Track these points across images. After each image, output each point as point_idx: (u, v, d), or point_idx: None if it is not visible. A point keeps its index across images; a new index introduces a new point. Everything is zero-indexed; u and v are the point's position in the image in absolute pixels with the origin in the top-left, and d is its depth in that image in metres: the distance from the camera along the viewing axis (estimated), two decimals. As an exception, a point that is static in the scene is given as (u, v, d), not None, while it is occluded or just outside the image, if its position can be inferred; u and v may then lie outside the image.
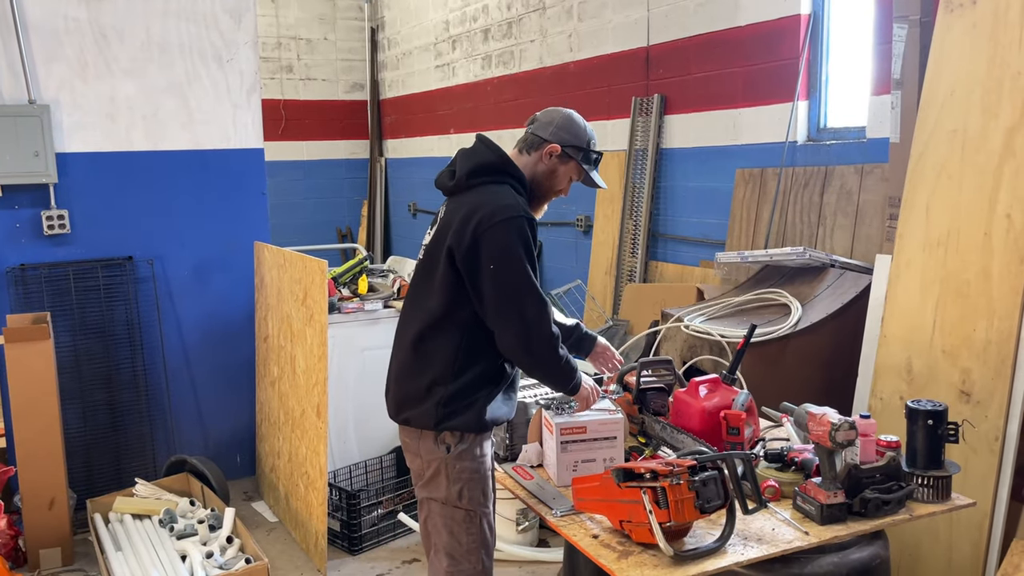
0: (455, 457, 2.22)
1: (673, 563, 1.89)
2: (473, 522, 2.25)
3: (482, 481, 2.27)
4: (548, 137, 2.27)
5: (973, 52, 2.84)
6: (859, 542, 2.05)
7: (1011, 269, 2.66)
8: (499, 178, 2.21)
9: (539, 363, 2.21)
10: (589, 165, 2.34)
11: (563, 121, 2.30)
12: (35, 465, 3.36)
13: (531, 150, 2.28)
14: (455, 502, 2.23)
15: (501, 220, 2.10)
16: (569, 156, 2.28)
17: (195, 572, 3.04)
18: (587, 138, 2.32)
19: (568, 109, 2.36)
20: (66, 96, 3.83)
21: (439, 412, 2.20)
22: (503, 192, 2.18)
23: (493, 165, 2.22)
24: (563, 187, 2.34)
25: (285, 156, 8.79)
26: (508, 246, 2.10)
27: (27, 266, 3.83)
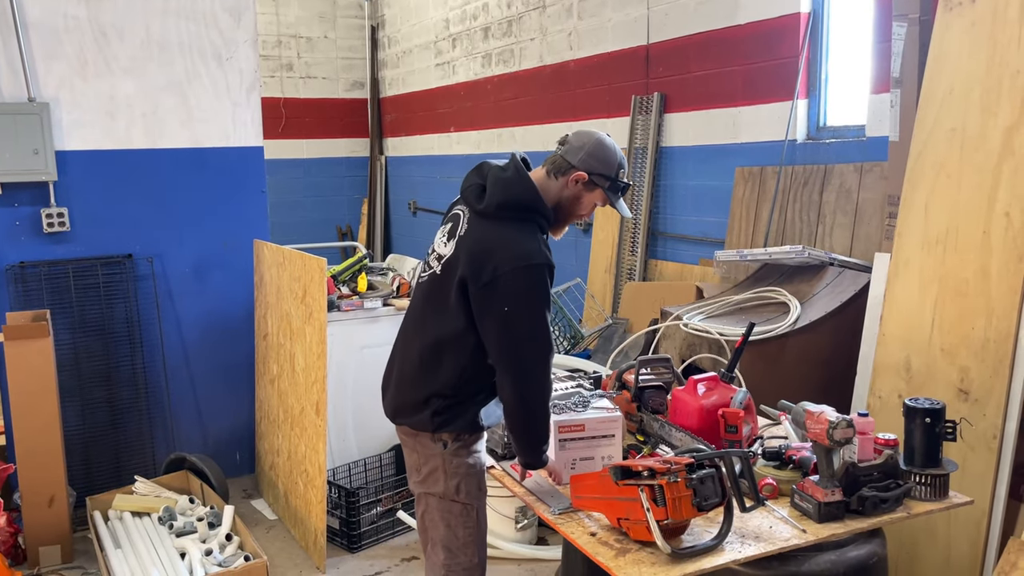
0: (452, 453, 2.25)
1: (670, 561, 1.89)
2: (470, 516, 2.29)
3: (478, 475, 2.31)
4: (576, 164, 2.22)
5: (972, 51, 2.83)
6: (856, 540, 2.05)
7: (1009, 268, 2.66)
8: (529, 216, 2.18)
9: (528, 414, 2.20)
10: (616, 194, 2.29)
11: (593, 147, 2.24)
12: (34, 463, 3.36)
13: (559, 174, 2.24)
14: (453, 496, 2.26)
15: (524, 267, 2.08)
16: (596, 184, 2.24)
17: (194, 569, 3.04)
18: (617, 167, 2.26)
19: (600, 133, 2.31)
20: (66, 94, 3.83)
21: (435, 420, 2.23)
22: (529, 234, 2.15)
23: (526, 205, 2.18)
24: (586, 212, 2.32)
25: (285, 154, 8.79)
26: (526, 293, 2.10)
27: (27, 264, 3.83)
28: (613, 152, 2.27)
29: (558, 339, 4.91)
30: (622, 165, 2.28)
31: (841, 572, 1.98)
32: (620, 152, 2.29)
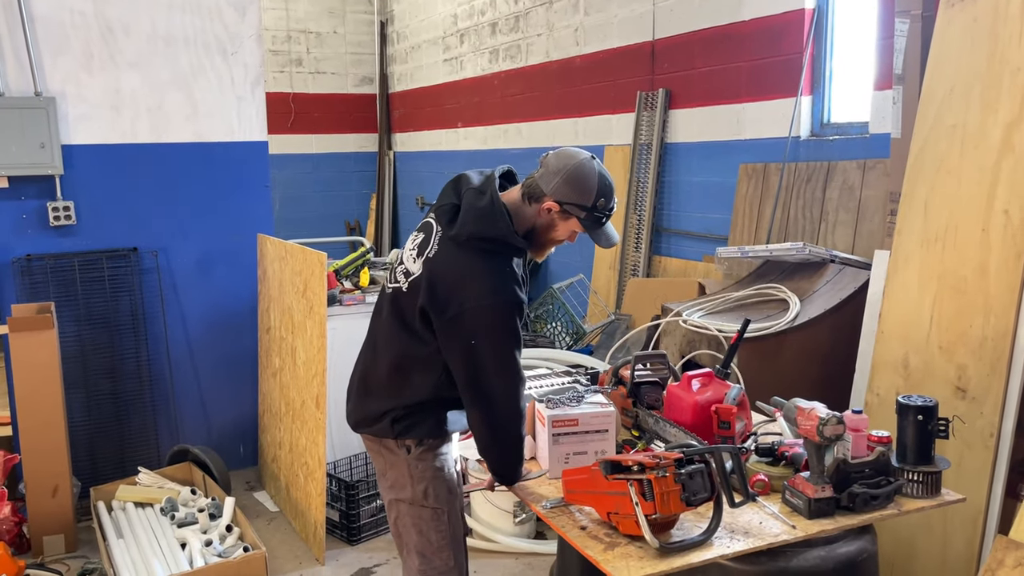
0: (416, 458, 2.21)
1: (658, 555, 1.90)
2: (440, 519, 2.25)
3: (446, 479, 2.26)
4: (548, 192, 2.07)
5: (973, 47, 2.82)
6: (846, 536, 2.05)
7: (1008, 265, 2.65)
8: (500, 248, 2.08)
9: (498, 443, 2.17)
10: (594, 225, 2.13)
11: (569, 175, 2.07)
12: (39, 453, 3.40)
13: (533, 200, 2.11)
14: (421, 501, 2.22)
15: (490, 304, 2.02)
16: (570, 213, 2.10)
17: (194, 560, 3.08)
18: (593, 196, 2.08)
19: (583, 157, 2.11)
20: (72, 88, 3.86)
21: (396, 427, 2.19)
22: (499, 267, 2.07)
23: (498, 238, 2.07)
24: (564, 238, 2.19)
25: (294, 149, 8.83)
26: (492, 329, 2.03)
27: (33, 256, 3.87)
28: (591, 179, 2.07)
29: (560, 334, 4.92)
30: (603, 194, 2.09)
31: (830, 568, 1.98)
32: (603, 177, 2.11)
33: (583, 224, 2.12)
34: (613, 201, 2.14)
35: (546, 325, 4.98)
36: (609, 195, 2.12)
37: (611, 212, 2.15)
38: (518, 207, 2.13)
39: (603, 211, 2.12)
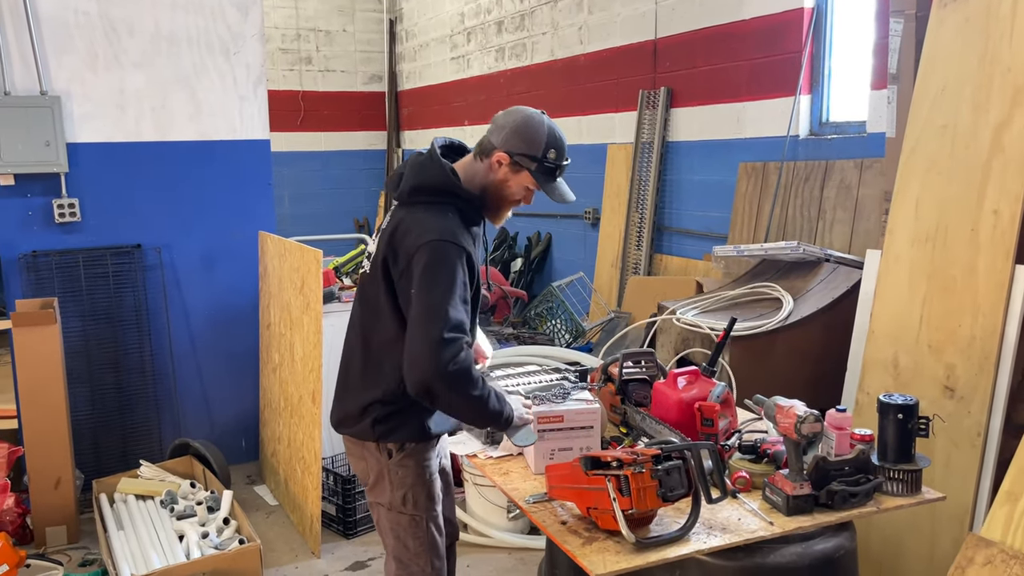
0: (397, 463, 2.18)
1: (635, 550, 1.92)
2: (419, 526, 2.22)
3: (427, 485, 2.22)
4: (498, 144, 2.09)
5: (965, 47, 2.82)
6: (824, 533, 2.06)
7: (996, 265, 2.65)
8: (443, 200, 2.09)
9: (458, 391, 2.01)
10: (546, 177, 2.12)
11: (517, 126, 2.09)
12: (42, 446, 3.47)
13: (483, 157, 2.12)
14: (400, 507, 2.20)
15: (426, 243, 2.00)
16: (520, 165, 2.10)
17: (191, 552, 3.13)
18: (543, 146, 2.08)
19: (531, 111, 2.14)
20: (77, 87, 3.92)
21: (377, 429, 2.16)
22: (440, 216, 2.06)
23: (435, 187, 2.09)
24: (520, 197, 2.17)
25: (304, 147, 8.90)
26: (431, 266, 2.00)
27: (39, 253, 3.94)
28: (540, 130, 2.08)
29: (560, 332, 4.94)
30: (553, 144, 2.09)
31: (806, 564, 2.00)
32: (553, 130, 2.11)
33: (535, 177, 2.10)
34: (565, 156, 2.13)
35: (546, 323, 5.01)
36: (560, 148, 2.11)
37: (563, 166, 2.13)
38: (469, 166, 2.15)
39: (554, 163, 2.11)
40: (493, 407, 2.10)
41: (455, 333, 1.99)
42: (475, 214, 2.16)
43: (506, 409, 2.15)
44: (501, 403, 2.14)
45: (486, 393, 2.08)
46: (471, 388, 2.03)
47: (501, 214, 2.22)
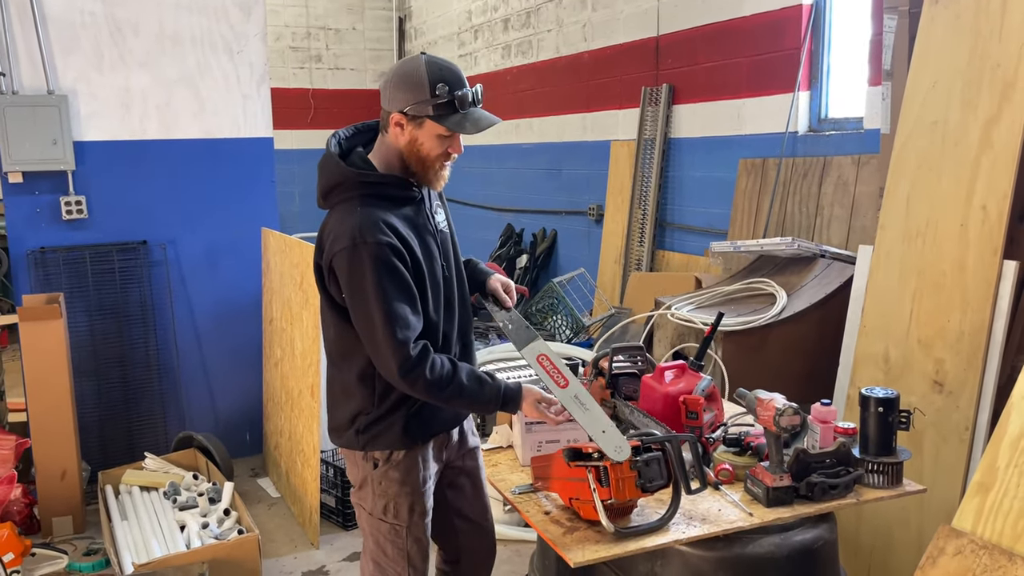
0: (381, 474, 2.12)
1: (614, 539, 1.96)
2: (399, 535, 2.16)
3: (411, 496, 2.14)
4: (388, 107, 1.95)
5: (955, 44, 2.83)
6: (804, 524, 2.09)
7: (985, 260, 2.66)
8: (349, 194, 1.97)
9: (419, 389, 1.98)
10: (450, 115, 1.91)
11: (396, 79, 1.93)
12: (48, 438, 3.54)
13: (385, 129, 1.99)
14: (380, 515, 2.16)
15: (340, 250, 1.91)
16: (418, 116, 1.91)
17: (191, 541, 3.19)
18: (428, 86, 1.88)
19: (409, 57, 1.98)
20: (83, 87, 3.99)
21: (360, 438, 2.11)
22: (348, 216, 1.93)
23: (337, 183, 1.99)
24: (439, 150, 1.96)
25: (314, 144, 8.95)
26: (351, 275, 1.92)
27: (46, 249, 4.01)
28: (417, 71, 1.89)
29: (561, 328, 4.98)
30: (439, 79, 1.89)
31: (784, 555, 2.03)
32: (433, 64, 1.92)
33: (438, 121, 1.91)
34: (460, 86, 1.91)
35: (547, 318, 5.05)
36: (449, 79, 1.90)
37: (462, 96, 1.91)
38: (380, 144, 2.02)
39: (450, 96, 1.89)
40: (471, 395, 2.02)
41: (401, 333, 1.92)
42: (401, 191, 2.01)
43: (487, 390, 2.03)
44: (481, 385, 2.03)
45: (455, 385, 1.99)
46: (435, 389, 1.97)
47: (431, 175, 2.02)
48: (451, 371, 2.00)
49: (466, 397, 2.02)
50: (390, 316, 1.92)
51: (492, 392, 2.05)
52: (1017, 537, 1.73)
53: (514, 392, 2.06)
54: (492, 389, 2.05)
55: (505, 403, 2.06)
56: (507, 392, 2.06)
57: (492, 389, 2.05)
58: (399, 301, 1.94)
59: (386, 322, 1.92)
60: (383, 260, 1.91)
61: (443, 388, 1.98)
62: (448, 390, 1.99)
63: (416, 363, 1.95)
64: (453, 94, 1.90)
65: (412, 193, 2.04)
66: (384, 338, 1.92)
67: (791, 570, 2.04)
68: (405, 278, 1.96)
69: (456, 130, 1.93)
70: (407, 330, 1.94)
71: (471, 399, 2.04)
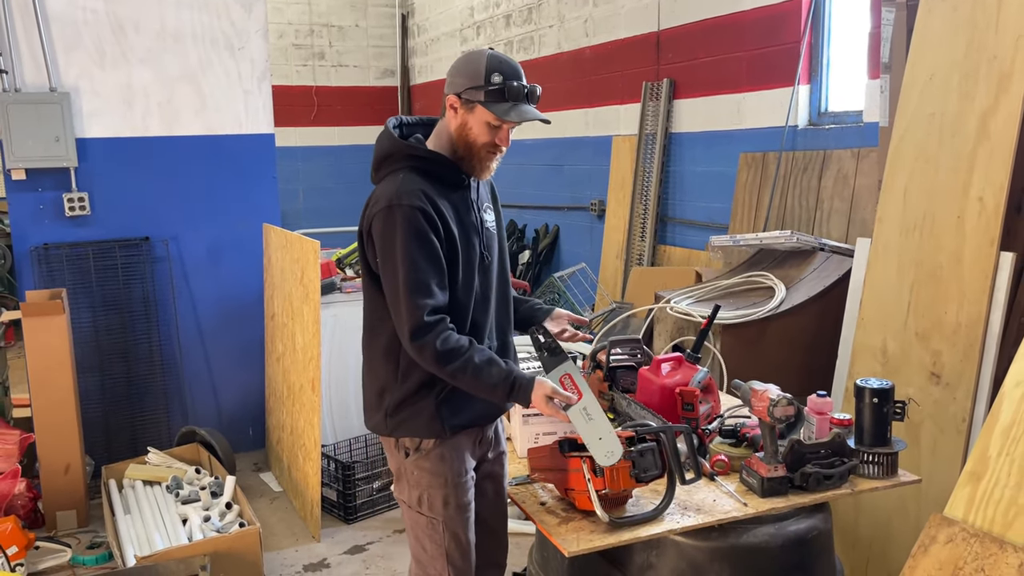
0: (413, 463, 2.12)
1: (609, 529, 1.98)
2: (435, 529, 2.13)
3: (444, 488, 2.12)
4: (446, 90, 2.04)
5: (953, 36, 2.83)
6: (798, 514, 2.10)
7: (981, 252, 2.67)
8: (398, 165, 2.03)
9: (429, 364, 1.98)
10: (500, 102, 1.97)
11: (458, 66, 2.03)
12: (51, 433, 3.57)
13: (444, 111, 2.07)
14: (416, 508, 2.14)
15: (379, 210, 1.97)
16: (471, 101, 1.98)
17: (193, 534, 3.22)
18: (484, 73, 1.96)
19: (472, 49, 2.09)
20: (85, 84, 4.02)
21: (389, 422, 2.11)
22: (395, 181, 2.00)
23: (388, 155, 2.05)
24: (487, 138, 2.02)
25: (318, 141, 8.98)
26: (383, 236, 1.97)
27: (50, 245, 4.04)
28: (478, 60, 1.99)
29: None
30: (495, 68, 1.96)
31: (778, 544, 2.04)
32: (494, 57, 2.00)
33: (487, 107, 1.97)
34: (515, 78, 1.98)
35: (549, 313, 5.05)
36: (505, 71, 1.97)
37: (515, 89, 1.97)
38: (437, 129, 2.10)
39: (502, 85, 1.96)
40: (478, 373, 1.97)
41: (420, 297, 1.94)
42: (446, 172, 2.06)
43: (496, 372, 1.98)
44: (491, 366, 1.99)
45: (464, 360, 1.96)
46: (444, 359, 1.95)
47: (477, 163, 2.07)
48: (465, 347, 1.98)
49: (473, 375, 1.97)
50: (412, 279, 1.95)
51: (501, 375, 1.98)
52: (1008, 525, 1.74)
53: (526, 381, 1.99)
54: (502, 372, 1.99)
55: (514, 390, 1.99)
56: (518, 379, 1.99)
57: (502, 372, 1.99)
58: (424, 267, 1.96)
59: (407, 284, 1.95)
60: (414, 224, 1.95)
61: (451, 360, 1.95)
62: (456, 363, 1.96)
63: (428, 328, 1.95)
64: (505, 83, 1.97)
65: (460, 178, 2.09)
66: (403, 299, 1.95)
67: (785, 560, 2.05)
68: (435, 247, 1.98)
69: (501, 116, 1.98)
70: (427, 297, 1.96)
71: (478, 378, 1.98)
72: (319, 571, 3.34)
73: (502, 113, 1.98)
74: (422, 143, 2.07)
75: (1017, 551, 1.73)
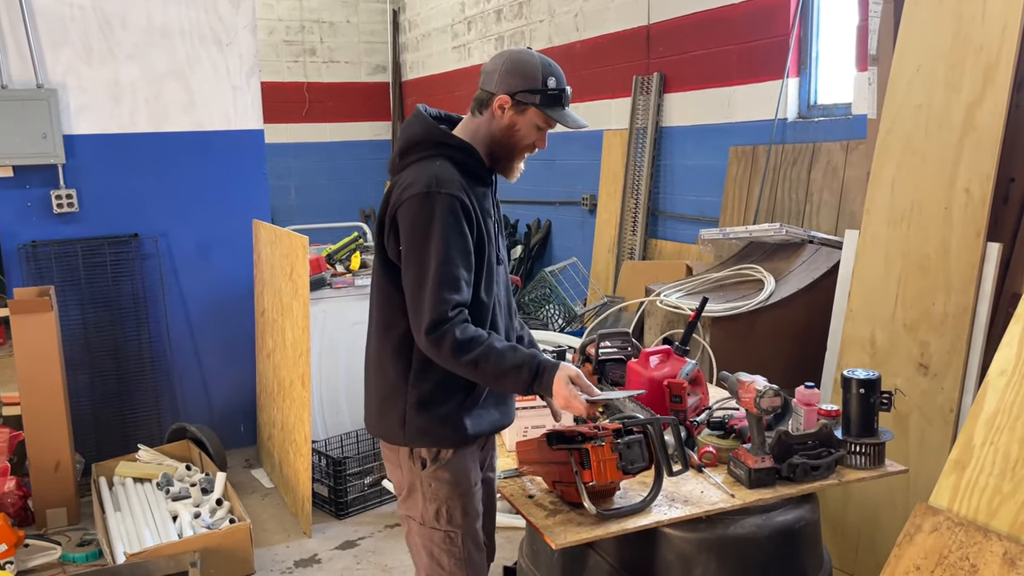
0: (430, 474, 2.01)
1: (596, 521, 1.97)
2: (455, 543, 2.04)
3: (463, 498, 2.04)
4: (495, 90, 1.96)
5: (939, 27, 2.84)
6: (785, 505, 2.10)
7: (968, 243, 2.67)
8: (431, 152, 1.96)
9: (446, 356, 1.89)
10: (553, 107, 1.97)
11: (509, 66, 1.96)
12: (41, 430, 3.56)
13: (482, 108, 1.99)
14: (433, 523, 2.03)
15: (413, 195, 1.88)
16: (524, 103, 1.96)
17: (183, 531, 3.21)
18: (541, 76, 1.95)
19: (520, 47, 2.08)
20: (72, 80, 4.00)
21: (406, 431, 2.00)
22: (430, 167, 1.92)
23: (420, 140, 1.98)
24: (532, 140, 2.01)
25: (309, 138, 8.97)
26: (415, 222, 1.88)
27: (38, 243, 4.03)
28: (532, 61, 1.97)
29: (553, 317, 4.99)
30: (549, 72, 1.97)
31: (765, 535, 2.04)
32: (545, 59, 2.00)
33: (543, 110, 1.96)
34: (565, 82, 2.01)
35: (540, 308, 5.06)
36: (558, 75, 1.99)
37: (566, 92, 2.00)
38: (467, 124, 2.03)
39: (556, 91, 1.97)
40: (501, 357, 1.89)
41: (448, 291, 1.87)
42: (477, 166, 2.00)
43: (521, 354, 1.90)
44: (515, 351, 1.91)
45: (485, 347, 1.88)
46: (463, 348, 1.87)
47: (513, 165, 2.05)
48: (484, 335, 1.91)
49: (496, 361, 1.88)
50: (444, 271, 1.87)
51: (527, 356, 1.90)
52: (992, 514, 1.75)
53: (551, 364, 1.91)
54: (528, 354, 1.91)
55: (540, 372, 1.90)
56: (543, 361, 1.91)
57: (528, 354, 1.91)
58: (457, 260, 1.89)
59: (437, 276, 1.87)
60: (454, 214, 1.89)
61: (472, 348, 1.87)
62: (478, 351, 1.87)
63: (450, 320, 1.87)
64: (560, 89, 1.98)
65: (488, 176, 2.05)
66: (430, 292, 1.86)
67: (773, 550, 2.05)
68: (469, 242, 1.92)
69: (560, 121, 1.99)
70: (455, 293, 1.88)
71: (501, 362, 1.89)
72: (310, 567, 3.34)
73: (560, 117, 1.98)
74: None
75: (1001, 539, 1.73)
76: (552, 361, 1.93)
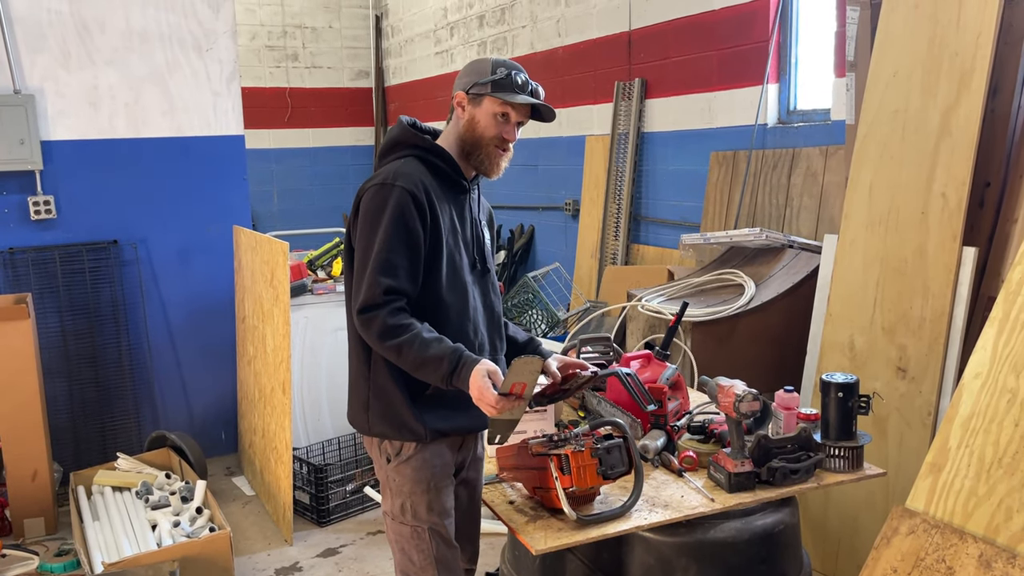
0: (394, 469, 2.09)
1: (576, 526, 1.97)
2: (421, 538, 2.09)
3: (427, 494, 2.08)
4: (454, 91, 2.10)
5: (915, 33, 2.87)
6: (765, 509, 2.11)
7: (945, 247, 2.70)
8: (403, 152, 2.07)
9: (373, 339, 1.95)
10: (505, 92, 2.01)
11: (466, 69, 2.10)
12: (17, 439, 3.52)
13: (451, 113, 2.12)
14: (400, 517, 2.10)
15: (371, 186, 1.99)
16: (478, 95, 2.03)
17: (162, 540, 3.18)
18: (490, 68, 2.03)
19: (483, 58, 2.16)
20: (50, 85, 3.96)
21: (372, 423, 2.08)
22: (396, 164, 2.04)
23: (397, 143, 2.09)
24: (494, 131, 2.04)
25: (292, 143, 8.93)
26: (367, 211, 1.98)
27: (15, 250, 3.98)
28: (486, 60, 2.07)
29: (536, 322, 4.99)
30: (500, 64, 2.04)
31: (745, 539, 2.05)
32: (499, 58, 2.08)
33: (494, 96, 2.01)
34: (518, 73, 2.04)
35: (524, 313, 5.06)
36: (510, 66, 2.04)
37: (521, 80, 2.04)
38: (444, 132, 2.12)
39: (507, 75, 2.02)
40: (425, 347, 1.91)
41: (384, 276, 1.93)
42: (449, 169, 2.08)
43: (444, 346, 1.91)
44: (440, 342, 1.92)
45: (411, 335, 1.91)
46: (390, 333, 1.91)
47: (486, 159, 2.08)
48: (415, 324, 1.94)
49: (420, 349, 1.91)
50: (383, 258, 1.94)
51: (448, 348, 1.91)
52: (968, 516, 1.76)
53: (472, 359, 1.91)
54: (450, 347, 1.92)
55: (459, 365, 1.90)
56: (465, 355, 1.92)
57: (450, 347, 1.92)
58: (399, 249, 1.96)
59: (376, 261, 1.94)
60: (404, 206, 1.96)
61: (398, 334, 1.91)
62: (403, 336, 1.91)
63: (381, 305, 1.93)
64: (510, 74, 2.04)
65: (461, 181, 2.11)
66: (368, 273, 1.94)
67: (752, 554, 2.06)
68: (416, 235, 1.98)
69: (508, 100, 2.01)
70: (391, 278, 1.94)
71: (424, 352, 1.91)
72: (291, 574, 3.32)
73: (508, 97, 2.01)
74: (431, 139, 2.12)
75: (977, 541, 1.75)
76: (475, 357, 1.93)
